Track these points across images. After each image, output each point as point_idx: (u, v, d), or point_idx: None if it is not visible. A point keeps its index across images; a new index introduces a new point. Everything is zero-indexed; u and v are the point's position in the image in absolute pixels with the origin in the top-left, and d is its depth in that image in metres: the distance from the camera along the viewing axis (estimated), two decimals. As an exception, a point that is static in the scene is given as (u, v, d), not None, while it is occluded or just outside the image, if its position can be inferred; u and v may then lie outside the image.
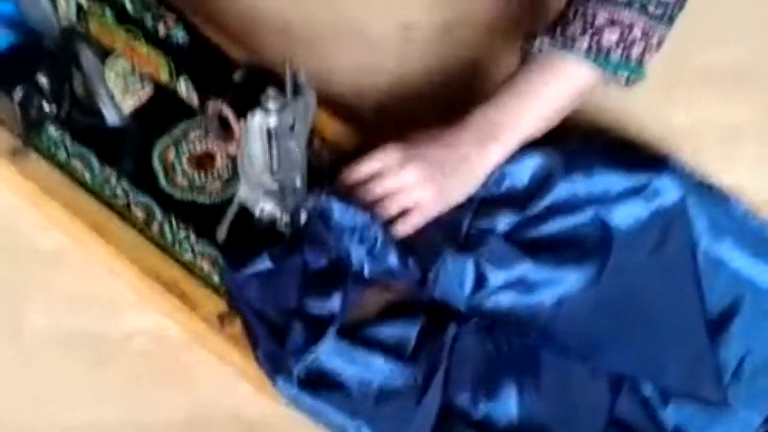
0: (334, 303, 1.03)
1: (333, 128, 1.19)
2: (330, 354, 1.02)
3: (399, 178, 1.08)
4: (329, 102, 1.18)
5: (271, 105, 0.96)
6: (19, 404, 1.06)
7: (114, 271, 1.12)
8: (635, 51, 1.06)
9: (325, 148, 1.17)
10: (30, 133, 1.16)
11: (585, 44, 1.06)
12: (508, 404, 1.03)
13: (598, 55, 1.06)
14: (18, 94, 1.11)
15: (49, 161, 1.16)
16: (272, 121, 0.96)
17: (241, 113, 0.97)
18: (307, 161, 1.05)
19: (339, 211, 1.05)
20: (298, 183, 1.04)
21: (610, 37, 1.05)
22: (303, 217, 1.05)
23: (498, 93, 1.10)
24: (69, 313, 1.11)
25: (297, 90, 0.97)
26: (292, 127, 0.98)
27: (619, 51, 1.06)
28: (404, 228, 1.08)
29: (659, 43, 1.07)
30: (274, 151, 0.99)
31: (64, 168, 1.16)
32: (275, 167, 1.00)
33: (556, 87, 1.08)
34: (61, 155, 1.17)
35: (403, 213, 1.08)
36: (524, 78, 1.09)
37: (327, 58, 1.32)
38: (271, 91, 0.95)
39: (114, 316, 1.11)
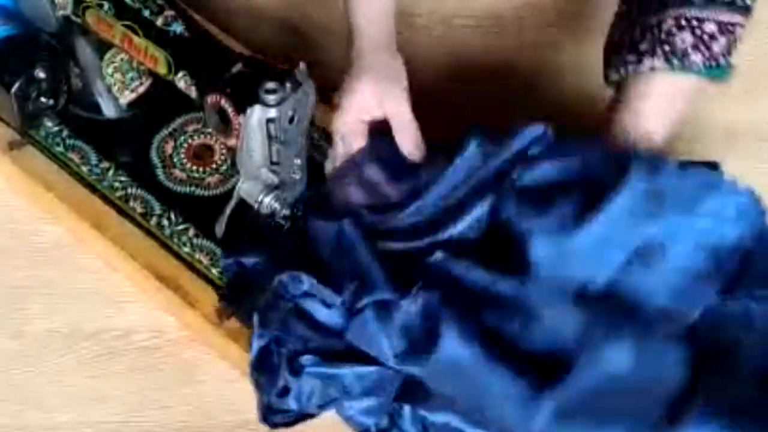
0: None
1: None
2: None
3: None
4: (329, 94, 1.17)
5: (271, 98, 0.95)
6: (18, 403, 1.06)
7: (112, 266, 1.12)
8: (716, 48, 1.01)
9: (325, 140, 1.16)
10: (27, 126, 1.15)
11: (661, 58, 1.01)
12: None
13: (682, 62, 1.01)
14: (15, 87, 1.11)
15: (46, 154, 1.16)
16: (271, 114, 0.96)
17: (240, 106, 0.97)
18: (307, 154, 1.05)
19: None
20: (298, 176, 1.03)
21: (684, 40, 1.01)
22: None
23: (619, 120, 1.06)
24: (67, 308, 1.11)
25: (296, 83, 0.97)
26: (291, 120, 0.98)
27: (700, 54, 1.01)
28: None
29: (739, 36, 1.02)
30: (274, 144, 0.98)
31: (62, 161, 1.15)
32: (275, 160, 1.00)
33: (657, 105, 1.04)
34: (59, 148, 1.16)
35: None
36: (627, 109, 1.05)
37: (326, 49, 1.31)
38: (270, 85, 0.95)
39: (113, 312, 1.11)
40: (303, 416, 1.00)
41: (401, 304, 0.98)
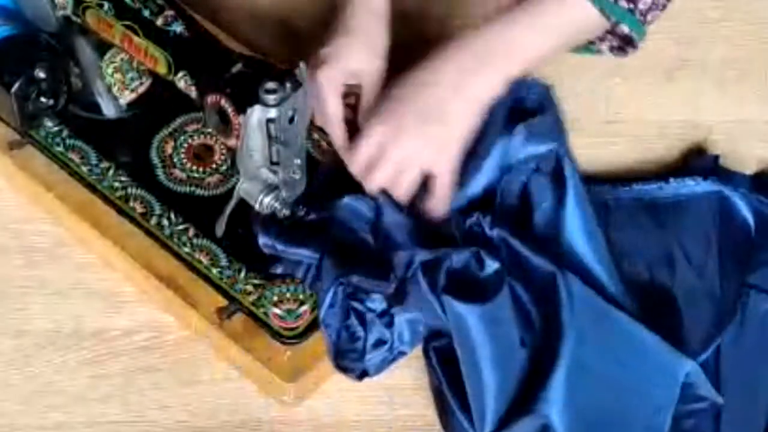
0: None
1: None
2: None
3: (394, 158, 1.04)
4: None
5: (271, 98, 0.95)
6: (18, 403, 1.06)
7: (112, 266, 1.12)
8: (642, 5, 1.03)
9: (325, 140, 1.16)
10: (27, 126, 1.15)
11: None
12: None
13: None
14: (15, 87, 1.11)
15: (46, 154, 1.16)
16: (271, 114, 0.96)
17: (240, 106, 0.97)
18: (307, 154, 1.05)
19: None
20: (298, 176, 1.03)
21: None
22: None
23: (493, 21, 1.06)
24: (67, 308, 1.11)
25: (296, 83, 0.97)
26: (291, 120, 0.98)
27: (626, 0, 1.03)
28: (439, 199, 1.06)
29: (664, 5, 1.04)
30: (274, 144, 0.98)
31: (62, 161, 1.15)
32: (275, 160, 1.00)
33: (558, 22, 1.04)
34: (59, 148, 1.16)
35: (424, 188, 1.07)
36: (525, 10, 1.05)
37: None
38: (270, 84, 0.95)
39: (113, 312, 1.11)
40: (396, 357, 1.05)
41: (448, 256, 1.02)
